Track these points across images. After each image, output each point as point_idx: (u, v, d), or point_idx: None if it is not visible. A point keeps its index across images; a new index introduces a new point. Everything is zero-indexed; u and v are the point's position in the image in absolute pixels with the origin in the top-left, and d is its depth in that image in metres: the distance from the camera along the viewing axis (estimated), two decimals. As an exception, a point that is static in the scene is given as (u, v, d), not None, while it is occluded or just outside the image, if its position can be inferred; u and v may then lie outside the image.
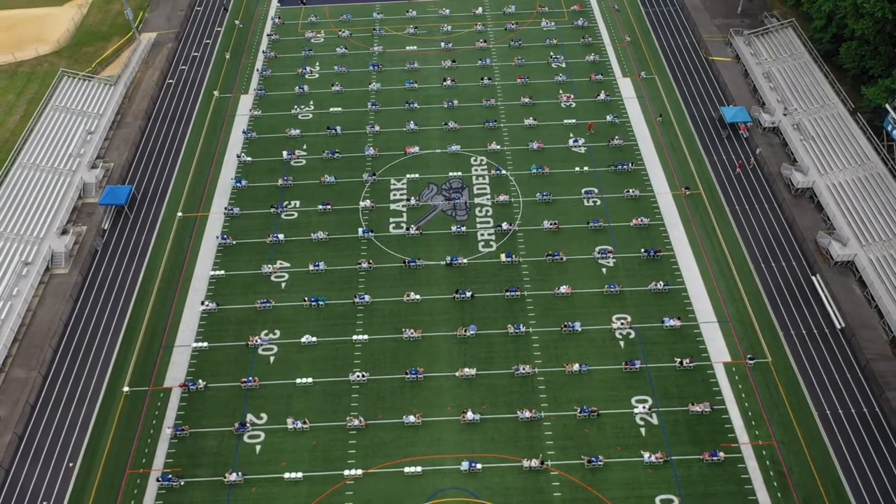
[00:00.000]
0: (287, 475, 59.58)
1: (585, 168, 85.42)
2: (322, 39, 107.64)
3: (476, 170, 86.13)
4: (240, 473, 59.53)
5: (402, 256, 76.36)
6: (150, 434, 62.94)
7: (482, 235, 78.66)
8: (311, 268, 75.42)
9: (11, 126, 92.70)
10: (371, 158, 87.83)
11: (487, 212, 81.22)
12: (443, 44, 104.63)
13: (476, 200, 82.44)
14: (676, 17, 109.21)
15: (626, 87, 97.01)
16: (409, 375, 65.90)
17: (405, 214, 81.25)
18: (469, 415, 62.69)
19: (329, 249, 77.75)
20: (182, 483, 59.43)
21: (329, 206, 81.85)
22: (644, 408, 63.28)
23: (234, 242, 78.74)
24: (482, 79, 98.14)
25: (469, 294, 72.20)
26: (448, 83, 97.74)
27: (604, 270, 74.67)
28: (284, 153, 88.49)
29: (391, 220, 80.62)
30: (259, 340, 69.23)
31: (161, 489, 59.22)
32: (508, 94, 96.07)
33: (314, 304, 72.09)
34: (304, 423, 62.63)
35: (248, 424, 63.14)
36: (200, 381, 66.01)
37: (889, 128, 79.39)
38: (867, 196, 77.98)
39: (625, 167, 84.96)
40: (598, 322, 69.92)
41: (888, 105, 79.46)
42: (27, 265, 74.20)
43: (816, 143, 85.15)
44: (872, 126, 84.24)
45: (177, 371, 67.47)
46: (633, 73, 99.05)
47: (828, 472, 58.89)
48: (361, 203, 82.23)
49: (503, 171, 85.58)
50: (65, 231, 78.86)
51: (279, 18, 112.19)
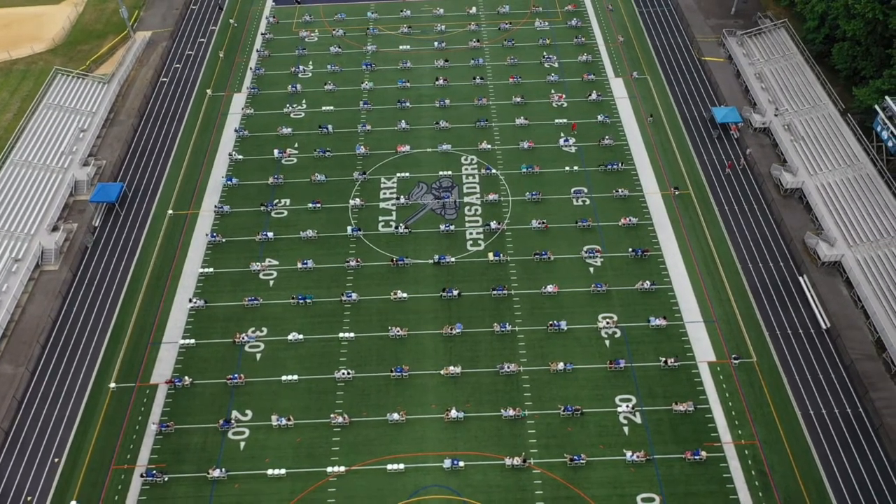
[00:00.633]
0: (270, 472, 59.84)
1: (575, 167, 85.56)
2: (316, 38, 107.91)
3: (466, 169, 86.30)
4: (223, 470, 59.82)
5: (391, 255, 76.58)
6: (136, 430, 63.25)
7: (470, 234, 78.84)
8: (300, 266, 75.68)
9: (5, 124, 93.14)
10: (362, 157, 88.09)
11: (476, 211, 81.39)
12: (436, 43, 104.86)
13: (465, 199, 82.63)
14: (670, 18, 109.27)
15: (618, 87, 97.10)
16: (395, 373, 66.11)
17: (394, 213, 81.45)
18: (453, 413, 62.88)
19: (318, 247, 78.00)
20: (166, 479, 59.75)
21: (319, 205, 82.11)
22: (628, 407, 63.39)
23: (224, 240, 79.04)
24: (474, 78, 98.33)
25: (456, 293, 72.40)
26: (440, 82, 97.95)
27: (591, 270, 74.79)
28: (276, 152, 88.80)
29: (380, 219, 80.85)
30: (246, 338, 69.50)
31: (145, 485, 59.53)
32: (500, 94, 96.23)
33: (301, 302, 72.34)
34: (289, 420, 62.89)
35: (233, 421, 63.43)
36: (187, 378, 66.31)
37: (878, 129, 79.38)
38: (856, 197, 77.98)
39: (614, 167, 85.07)
40: (585, 321, 70.05)
41: (877, 106, 79.37)
42: (17, 262, 74.58)
43: (806, 144, 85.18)
44: (863, 127, 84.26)
45: (164, 368, 67.77)
46: (626, 73, 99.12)
47: (810, 473, 58.96)
48: (351, 201, 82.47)
49: (493, 171, 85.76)
50: (55, 228, 79.22)
51: (274, 17, 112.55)
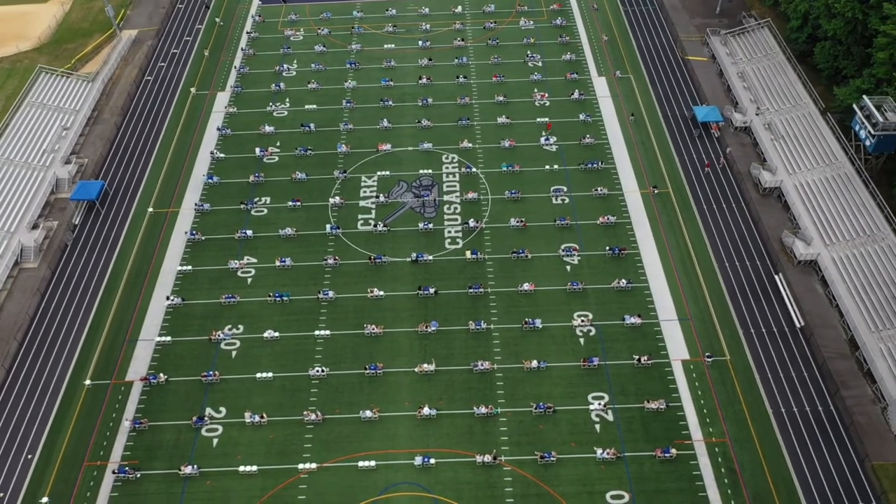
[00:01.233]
0: (242, 468, 60.06)
1: (556, 166, 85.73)
2: (301, 37, 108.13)
3: (447, 167, 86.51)
4: (195, 466, 60.04)
5: (369, 253, 76.75)
6: (110, 427, 63.48)
7: (449, 232, 79.03)
8: (278, 263, 75.90)
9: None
10: (343, 156, 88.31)
11: (456, 209, 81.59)
12: (420, 42, 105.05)
13: (445, 198, 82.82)
14: (655, 17, 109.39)
15: (601, 86, 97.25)
16: (369, 371, 66.33)
17: (374, 211, 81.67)
18: (425, 410, 63.09)
19: (296, 245, 78.23)
20: (138, 475, 60.00)
21: (299, 203, 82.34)
22: (600, 405, 63.58)
23: (203, 238, 79.28)
24: (458, 77, 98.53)
25: (432, 290, 72.61)
26: (423, 81, 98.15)
27: (568, 268, 74.98)
28: (257, 150, 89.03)
29: (360, 217, 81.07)
30: (222, 335, 69.75)
31: (117, 481, 59.77)
32: (483, 93, 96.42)
33: (279, 300, 72.56)
34: (262, 418, 63.10)
35: (207, 418, 63.64)
36: (162, 375, 66.55)
37: (856, 128, 79.48)
38: (833, 196, 78.12)
39: (594, 165, 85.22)
40: (560, 319, 70.24)
41: (856, 105, 79.50)
42: (-4, 259, 74.90)
43: (786, 143, 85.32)
44: (843, 126, 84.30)
45: (139, 365, 68.00)
46: (609, 73, 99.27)
47: (779, 470, 59.13)
48: (331, 200, 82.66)
49: (473, 169, 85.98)
50: (35, 226, 79.50)
51: (260, 16, 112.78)
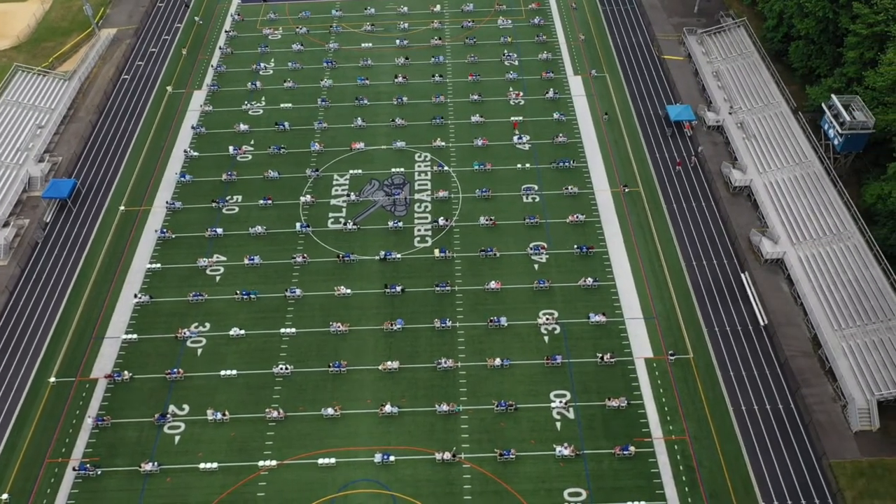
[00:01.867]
0: (202, 466, 60.27)
1: (528, 165, 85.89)
2: (280, 36, 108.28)
3: (419, 166, 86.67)
4: (155, 463, 60.23)
5: (338, 251, 76.91)
6: (73, 424, 63.68)
7: (419, 231, 79.19)
8: (247, 262, 76.08)
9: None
10: (316, 154, 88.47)
11: (426, 207, 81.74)
12: (398, 41, 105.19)
13: (416, 196, 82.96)
14: (633, 16, 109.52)
15: (577, 85, 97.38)
16: (333, 368, 66.51)
17: (345, 210, 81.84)
18: (387, 408, 63.27)
19: (266, 244, 78.41)
20: (99, 472, 60.20)
21: (270, 202, 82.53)
22: (561, 402, 63.75)
23: (174, 236, 79.46)
24: (433, 76, 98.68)
25: (399, 289, 72.77)
26: (399, 80, 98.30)
27: (536, 266, 75.15)
28: (231, 148, 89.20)
29: (330, 216, 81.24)
30: (188, 333, 69.94)
31: (77, 478, 59.97)
32: (459, 92, 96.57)
33: (246, 298, 72.74)
34: (224, 415, 63.29)
35: (169, 415, 63.82)
36: (126, 373, 66.75)
37: (826, 127, 79.62)
38: (801, 195, 78.27)
39: (566, 164, 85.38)
40: (525, 317, 70.40)
41: (824, 104, 79.64)
42: (-35, 257, 75.10)
43: (758, 142, 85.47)
44: (815, 126, 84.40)
45: (105, 362, 68.19)
46: (585, 71, 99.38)
47: (737, 468, 59.32)
48: (302, 198, 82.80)
49: (446, 168, 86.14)
50: (6, 224, 79.67)
51: (239, 15, 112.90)
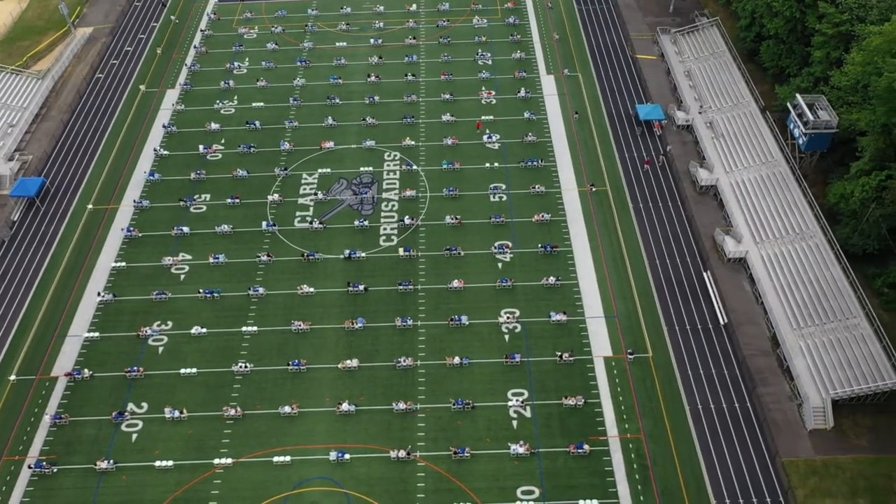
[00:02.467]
0: (158, 463, 60.39)
1: (496, 164, 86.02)
2: (255, 35, 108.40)
3: (388, 165, 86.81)
4: (111, 461, 60.36)
5: (303, 250, 77.03)
6: (31, 422, 63.77)
7: (384, 230, 79.34)
8: (211, 260, 76.21)
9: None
10: (286, 153, 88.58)
11: (393, 206, 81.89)
12: (372, 40, 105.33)
13: (384, 195, 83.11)
14: (608, 15, 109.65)
15: (549, 85, 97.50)
16: (292, 367, 66.63)
17: (312, 209, 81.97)
18: (344, 406, 63.41)
19: (232, 242, 78.54)
20: (55, 470, 60.31)
21: (238, 200, 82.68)
22: (518, 401, 63.88)
23: (140, 235, 79.60)
24: (406, 75, 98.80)
25: (362, 287, 72.91)
26: (372, 79, 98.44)
27: (500, 265, 75.27)
28: (201, 147, 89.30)
29: (297, 214, 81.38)
30: (150, 331, 70.07)
31: (33, 476, 60.10)
32: (431, 91, 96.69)
33: (209, 296, 72.87)
34: (182, 413, 63.42)
35: (128, 413, 63.96)
36: (86, 371, 66.88)
37: (791, 126, 79.75)
38: (766, 194, 78.43)
39: (534, 163, 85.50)
40: (487, 316, 70.53)
41: (789, 104, 79.79)
42: (-70, 255, 75.17)
43: (726, 141, 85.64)
44: (782, 125, 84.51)
45: (66, 360, 68.30)
46: (557, 71, 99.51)
47: (690, 466, 59.46)
48: (269, 197, 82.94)
49: (414, 167, 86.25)
50: (-27, 222, 79.82)
51: (215, 14, 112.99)
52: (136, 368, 66.81)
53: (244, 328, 70.22)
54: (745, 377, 65.05)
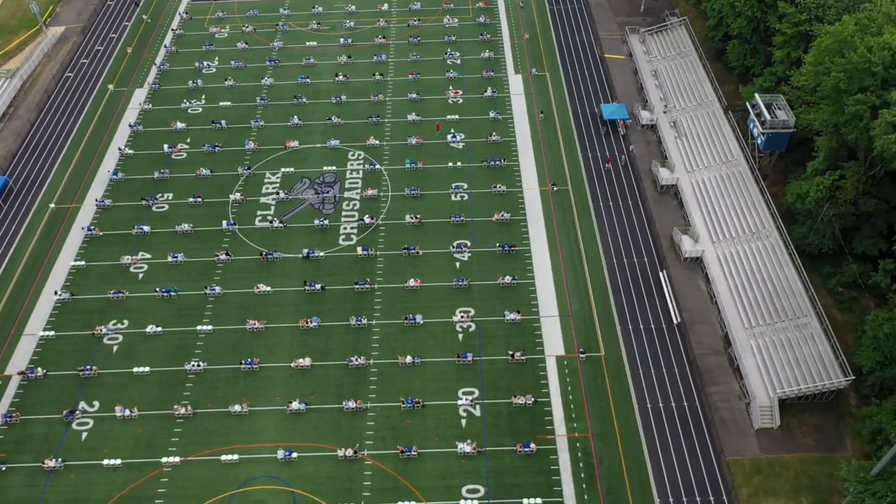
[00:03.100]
0: (106, 462, 60.57)
1: (459, 163, 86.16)
2: (226, 35, 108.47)
3: (352, 164, 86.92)
4: (59, 460, 60.51)
5: (262, 249, 77.16)
6: (-18, 421, 63.96)
7: (345, 229, 79.49)
8: (170, 259, 76.33)
9: None
10: (250, 153, 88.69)
11: (355, 206, 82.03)
12: (342, 39, 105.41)
13: (346, 195, 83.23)
14: (579, 15, 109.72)
15: (516, 84, 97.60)
16: (245, 366, 66.78)
17: (273, 208, 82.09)
18: (294, 405, 63.57)
19: (192, 241, 78.65)
20: (3, 468, 60.44)
21: (200, 199, 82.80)
22: (468, 400, 64.03)
23: (101, 234, 79.73)
24: (374, 74, 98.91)
25: (319, 286, 73.05)
26: (340, 79, 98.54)
27: (457, 265, 75.42)
28: (166, 146, 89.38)
29: (258, 214, 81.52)
30: (105, 330, 70.20)
31: (-19, 474, 60.31)
32: (398, 90, 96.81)
33: (166, 295, 73.00)
34: (132, 411, 63.57)
35: (79, 412, 64.10)
36: (40, 370, 67.01)
37: (751, 126, 79.86)
38: (726, 194, 78.57)
39: (497, 163, 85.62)
40: (442, 315, 70.67)
41: (749, 103, 79.91)
42: None
43: (688, 141, 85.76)
44: (744, 125, 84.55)
45: (20, 359, 68.45)
46: (526, 71, 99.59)
47: (636, 465, 59.62)
48: (231, 196, 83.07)
49: (377, 166, 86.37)
50: (-66, 221, 79.92)
51: (187, 14, 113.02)
52: (90, 367, 66.94)
53: (199, 327, 70.35)
54: (696, 376, 65.20)
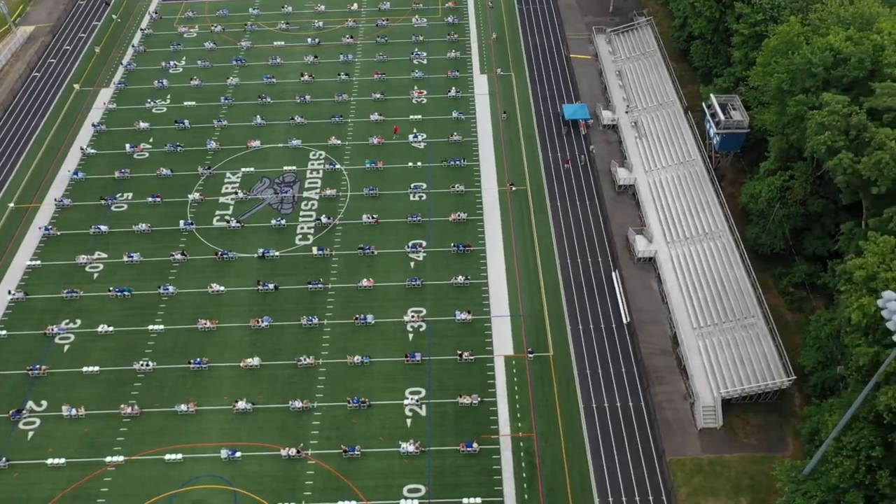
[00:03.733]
0: (50, 461, 60.69)
1: (419, 163, 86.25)
2: (195, 34, 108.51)
3: (312, 164, 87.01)
4: (3, 459, 60.61)
5: (217, 248, 77.27)
6: (-71, 420, 64.08)
7: (301, 229, 79.59)
8: (125, 259, 76.44)
9: None
10: (212, 152, 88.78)
11: (313, 206, 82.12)
12: (309, 39, 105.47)
13: (305, 194, 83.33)
14: (548, 15, 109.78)
15: (481, 84, 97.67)
16: (194, 365, 66.89)
17: (232, 208, 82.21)
18: (241, 404, 63.69)
19: (149, 241, 78.75)
20: (-53, 468, 60.64)
21: (159, 199, 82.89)
22: (414, 399, 64.16)
23: (59, 233, 79.82)
24: (339, 74, 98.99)
25: (272, 286, 73.17)
26: (305, 78, 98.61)
27: (412, 264, 75.53)
28: (128, 146, 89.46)
29: (217, 213, 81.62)
30: (56, 329, 70.29)
31: (-75, 473, 60.41)
32: (363, 90, 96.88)
33: (119, 295, 73.11)
34: (79, 411, 63.68)
35: (26, 411, 64.21)
36: (-11, 369, 67.17)
37: (707, 126, 79.97)
38: (682, 194, 78.70)
39: (457, 163, 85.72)
40: (393, 315, 70.79)
41: (704, 104, 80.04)
42: None
43: (648, 141, 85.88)
44: (703, 125, 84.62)
45: (-30, 359, 68.59)
46: (492, 70, 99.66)
47: (578, 465, 59.79)
48: (190, 196, 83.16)
49: (338, 166, 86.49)
50: None
51: (157, 13, 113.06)
52: (39, 367, 67.03)
53: (151, 326, 70.49)
54: (643, 376, 65.34)
